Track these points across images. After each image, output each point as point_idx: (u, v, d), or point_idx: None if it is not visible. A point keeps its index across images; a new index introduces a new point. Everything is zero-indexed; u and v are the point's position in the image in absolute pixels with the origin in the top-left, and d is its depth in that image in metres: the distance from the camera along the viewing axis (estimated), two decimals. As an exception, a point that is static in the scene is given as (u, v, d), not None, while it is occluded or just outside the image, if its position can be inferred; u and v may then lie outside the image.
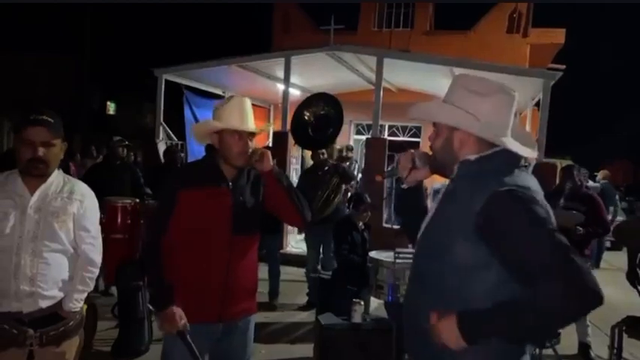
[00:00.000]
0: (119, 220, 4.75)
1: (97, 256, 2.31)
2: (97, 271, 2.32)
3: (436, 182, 8.57)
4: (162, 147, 8.05)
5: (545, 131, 6.69)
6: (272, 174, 2.16)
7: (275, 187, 2.18)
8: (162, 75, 8.87)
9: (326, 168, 5.78)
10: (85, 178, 3.64)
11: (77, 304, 2.24)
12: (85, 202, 2.21)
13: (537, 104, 8.07)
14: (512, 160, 1.52)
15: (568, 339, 4.62)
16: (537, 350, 3.76)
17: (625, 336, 4.44)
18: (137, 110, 21.46)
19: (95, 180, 4.14)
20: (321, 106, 6.07)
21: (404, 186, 1.77)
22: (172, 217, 2.11)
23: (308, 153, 9.48)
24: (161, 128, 8.98)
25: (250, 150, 2.14)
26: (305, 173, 6.49)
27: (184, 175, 2.29)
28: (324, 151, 5.76)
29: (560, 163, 6.54)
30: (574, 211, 4.29)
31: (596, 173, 8.85)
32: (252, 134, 2.17)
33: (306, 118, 6.00)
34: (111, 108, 21.78)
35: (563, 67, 11.28)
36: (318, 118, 6.07)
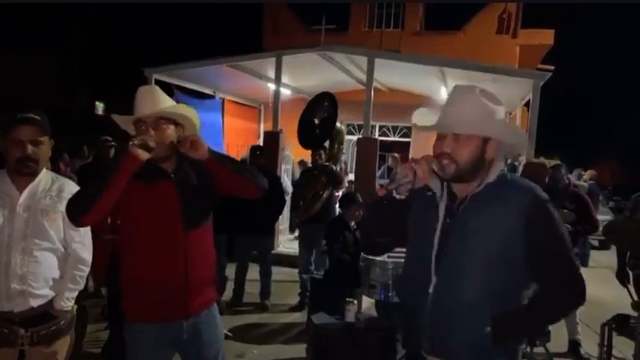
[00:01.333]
0: (109, 220, 4.69)
1: (88, 255, 2.29)
2: (87, 270, 2.31)
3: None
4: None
5: (535, 131, 6.74)
6: (210, 159, 2.02)
7: (219, 169, 2.06)
8: (152, 75, 8.81)
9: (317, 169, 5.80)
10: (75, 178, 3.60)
11: (68, 303, 2.22)
12: None
13: (527, 104, 8.13)
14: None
15: (558, 337, 4.67)
16: (529, 348, 3.79)
17: (614, 334, 4.51)
18: (127, 110, 21.28)
19: (85, 180, 4.09)
20: (325, 106, 6.09)
21: (399, 196, 1.78)
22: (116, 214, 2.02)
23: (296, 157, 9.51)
24: (151, 128, 8.90)
25: (172, 139, 2.00)
26: (303, 173, 6.48)
27: None
28: (321, 152, 5.74)
29: (549, 163, 6.59)
30: (565, 210, 4.34)
31: (583, 173, 8.97)
32: (165, 120, 2.02)
33: (316, 122, 6.01)
34: (100, 108, 21.62)
35: (552, 67, 11.40)
36: (323, 118, 6.09)
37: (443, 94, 10.35)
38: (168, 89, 9.27)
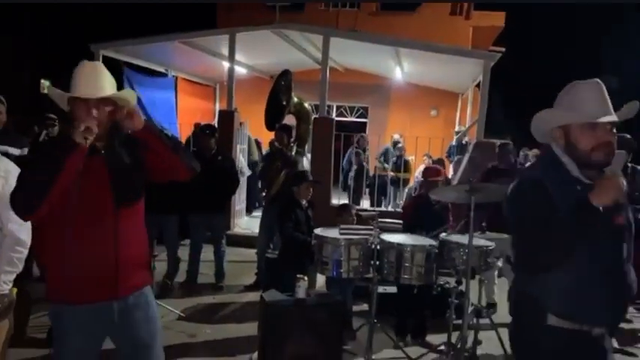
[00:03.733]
0: (53, 201, 4.53)
1: (26, 236, 2.20)
2: (25, 252, 2.22)
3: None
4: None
5: (485, 111, 6.92)
6: (147, 130, 1.97)
7: (154, 142, 2.01)
8: (99, 51, 8.44)
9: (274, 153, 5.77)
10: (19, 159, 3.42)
11: (5, 285, 2.15)
12: (10, 179, 2.10)
13: (479, 85, 8.32)
14: None
15: (504, 308, 4.89)
16: (475, 320, 3.95)
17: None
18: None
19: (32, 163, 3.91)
20: (283, 85, 6.01)
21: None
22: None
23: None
24: (100, 107, 8.57)
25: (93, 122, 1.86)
26: (264, 157, 6.41)
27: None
28: (283, 135, 5.67)
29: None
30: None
31: (529, 152, 9.31)
32: (104, 101, 1.94)
33: (284, 103, 5.92)
34: (45, 86, 20.61)
35: (503, 49, 11.69)
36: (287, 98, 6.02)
37: (397, 74, 10.46)
38: (117, 66, 8.92)
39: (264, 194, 5.85)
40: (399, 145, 9.63)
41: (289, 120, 6.23)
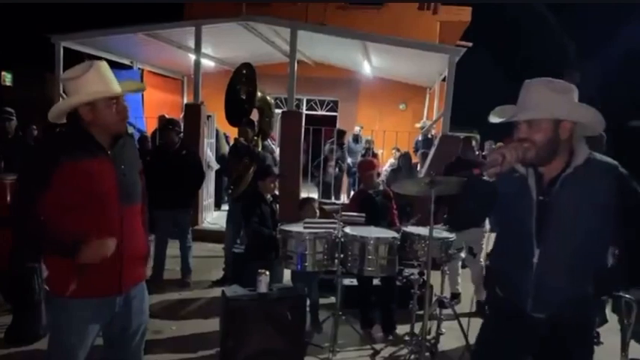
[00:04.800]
0: (8, 198, 4.38)
1: None
2: None
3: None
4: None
5: (451, 105, 7.01)
6: None
7: None
8: (60, 42, 8.18)
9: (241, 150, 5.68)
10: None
11: None
12: None
13: (445, 80, 8.42)
14: None
15: (467, 299, 4.99)
16: (438, 310, 4.03)
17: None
18: (37, 81, 19.70)
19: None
20: (244, 74, 5.92)
21: (488, 178, 1.93)
22: (46, 192, 1.94)
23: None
24: (61, 100, 8.32)
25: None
26: (230, 153, 6.29)
27: (59, 146, 2.03)
28: (247, 130, 5.60)
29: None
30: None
31: (494, 146, 9.49)
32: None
33: (243, 97, 5.83)
34: (7, 79, 19.86)
35: (470, 44, 11.85)
36: (248, 92, 5.93)
37: (366, 68, 10.50)
38: (79, 59, 8.67)
39: (229, 191, 5.78)
40: (368, 138, 9.69)
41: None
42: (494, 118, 2.04)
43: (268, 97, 6.18)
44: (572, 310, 1.95)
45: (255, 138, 5.64)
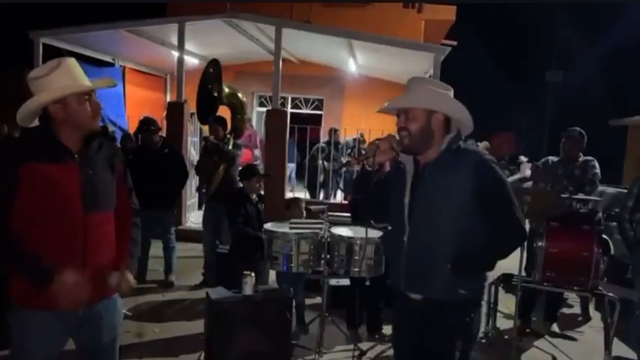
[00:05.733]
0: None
1: None
2: None
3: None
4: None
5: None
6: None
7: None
8: (38, 38, 8.00)
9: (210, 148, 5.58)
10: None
11: None
12: None
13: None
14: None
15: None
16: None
17: (503, 291, 4.93)
18: (15, 77, 19.29)
19: None
20: (211, 73, 5.82)
21: (370, 168, 2.15)
22: (14, 199, 1.84)
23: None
24: (41, 98, 8.14)
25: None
26: (203, 152, 6.19)
27: (21, 149, 1.91)
28: (218, 128, 5.49)
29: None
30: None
31: (478, 144, 9.56)
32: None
33: (215, 94, 5.73)
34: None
35: (455, 43, 11.90)
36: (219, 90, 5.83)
37: (351, 66, 10.47)
38: (59, 55, 8.47)
39: (204, 190, 5.67)
40: (357, 136, 9.66)
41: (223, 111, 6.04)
42: (380, 109, 2.21)
43: (240, 95, 6.10)
44: (439, 289, 2.04)
45: (228, 136, 5.53)
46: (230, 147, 5.42)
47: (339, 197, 9.26)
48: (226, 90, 5.85)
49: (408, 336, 2.23)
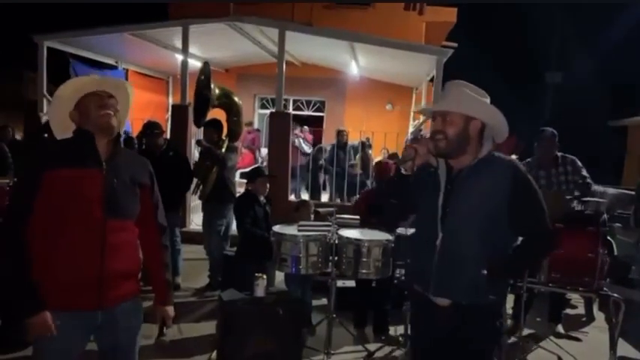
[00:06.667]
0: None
1: None
2: None
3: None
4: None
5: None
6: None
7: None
8: (43, 42, 8.04)
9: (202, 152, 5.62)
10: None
11: None
12: None
13: (432, 80, 8.48)
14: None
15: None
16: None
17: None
18: (16, 80, 19.26)
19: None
20: (202, 79, 5.87)
21: (404, 172, 2.19)
22: (36, 201, 1.91)
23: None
24: (45, 101, 8.19)
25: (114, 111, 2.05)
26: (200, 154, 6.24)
27: (51, 152, 2.03)
28: (212, 131, 5.52)
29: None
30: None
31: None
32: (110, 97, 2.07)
33: (206, 97, 5.76)
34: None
35: (455, 45, 11.94)
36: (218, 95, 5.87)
37: (353, 68, 10.51)
38: (63, 58, 8.54)
39: (199, 193, 5.71)
40: (364, 140, 9.67)
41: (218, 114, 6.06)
42: (419, 109, 2.24)
43: (235, 97, 6.13)
44: (470, 294, 2.05)
45: (223, 139, 5.53)
46: (224, 150, 5.44)
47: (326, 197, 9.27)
48: (217, 91, 5.86)
49: (432, 340, 2.20)
